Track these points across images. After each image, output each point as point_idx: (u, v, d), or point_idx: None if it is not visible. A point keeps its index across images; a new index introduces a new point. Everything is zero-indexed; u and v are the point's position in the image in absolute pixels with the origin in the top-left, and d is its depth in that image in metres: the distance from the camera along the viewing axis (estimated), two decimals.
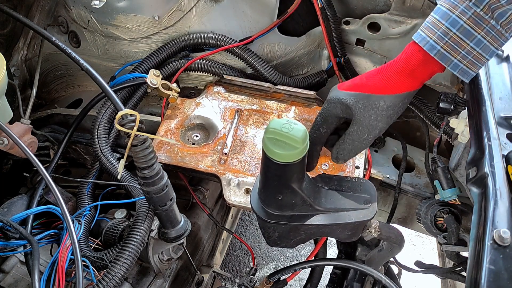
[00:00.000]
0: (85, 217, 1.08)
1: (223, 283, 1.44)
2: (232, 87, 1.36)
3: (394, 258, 1.30)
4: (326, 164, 1.18)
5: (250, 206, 1.07)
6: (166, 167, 1.16)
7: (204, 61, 1.33)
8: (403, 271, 1.33)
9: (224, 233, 1.64)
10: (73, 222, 0.92)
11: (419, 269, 1.17)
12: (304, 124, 0.75)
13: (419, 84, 0.79)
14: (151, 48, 1.37)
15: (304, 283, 1.35)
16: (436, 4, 0.97)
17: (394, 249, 1.07)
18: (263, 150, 0.75)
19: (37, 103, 1.54)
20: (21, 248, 0.96)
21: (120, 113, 0.75)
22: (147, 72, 1.25)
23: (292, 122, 0.74)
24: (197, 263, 1.41)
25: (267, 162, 0.75)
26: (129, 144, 0.78)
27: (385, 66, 0.81)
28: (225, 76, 1.36)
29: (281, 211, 0.85)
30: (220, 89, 1.35)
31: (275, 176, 0.78)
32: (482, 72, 0.95)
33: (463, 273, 1.08)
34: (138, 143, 0.79)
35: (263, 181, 0.82)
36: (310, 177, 0.87)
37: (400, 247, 1.05)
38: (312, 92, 1.32)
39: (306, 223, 0.87)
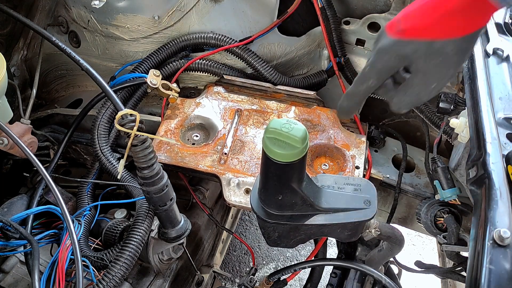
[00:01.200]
0: (85, 217, 1.08)
1: (223, 283, 1.44)
2: (232, 87, 1.36)
3: (394, 258, 1.30)
4: (326, 164, 1.18)
5: (250, 206, 1.07)
6: (166, 167, 1.16)
7: (204, 61, 1.33)
8: (403, 271, 1.33)
9: (224, 233, 1.64)
10: (73, 222, 0.92)
11: (419, 269, 1.17)
12: (304, 124, 0.75)
13: (490, 16, 0.66)
14: (151, 48, 1.37)
15: (304, 283, 1.35)
16: None
17: (394, 249, 1.07)
18: (263, 150, 0.75)
19: (37, 103, 1.54)
20: (21, 248, 0.96)
21: (120, 113, 0.75)
22: (147, 72, 1.25)
23: (292, 122, 0.74)
24: (197, 263, 1.41)
25: (267, 162, 0.75)
26: (129, 144, 0.78)
27: None
28: (225, 76, 1.36)
29: (281, 211, 0.85)
30: (220, 89, 1.35)
31: (275, 176, 0.78)
32: (482, 72, 0.95)
33: (463, 273, 1.08)
34: (138, 143, 0.79)
35: (263, 181, 0.82)
36: (310, 177, 0.87)
37: (400, 247, 1.05)
38: (312, 92, 1.32)
39: (306, 223, 0.87)
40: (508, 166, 0.78)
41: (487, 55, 0.97)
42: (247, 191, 1.10)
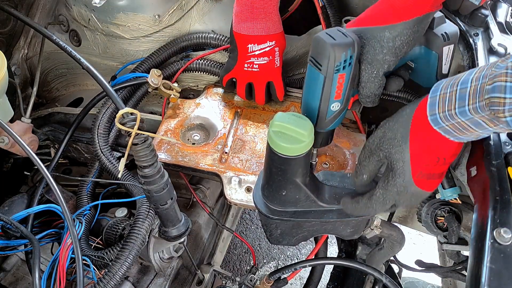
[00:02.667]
0: (86, 216, 1.08)
1: (223, 282, 1.44)
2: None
3: (395, 257, 1.30)
4: (327, 163, 1.18)
5: (251, 204, 1.07)
6: (167, 166, 1.16)
7: (204, 61, 1.33)
8: (404, 270, 1.34)
9: (225, 232, 1.65)
10: (73, 221, 0.92)
11: (420, 268, 1.17)
12: None
13: (429, 7, 0.74)
14: (152, 47, 1.37)
15: (304, 282, 1.35)
16: None
17: (394, 247, 1.07)
18: (268, 144, 0.75)
19: (38, 102, 1.54)
20: (22, 247, 0.96)
21: (120, 112, 0.75)
22: (148, 72, 1.25)
23: (297, 116, 0.75)
24: (198, 261, 1.41)
25: (272, 156, 0.75)
26: (130, 142, 0.78)
27: None
28: None
29: (285, 207, 0.85)
30: (219, 90, 1.35)
31: (279, 170, 0.78)
32: None
33: (464, 272, 1.08)
34: (139, 142, 0.79)
35: (267, 176, 0.82)
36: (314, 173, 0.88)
37: (401, 246, 1.05)
38: None
39: (309, 219, 0.88)
40: (508, 168, 0.78)
41: (491, 50, 0.97)
42: (249, 189, 1.10)
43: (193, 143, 1.23)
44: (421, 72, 0.89)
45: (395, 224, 1.33)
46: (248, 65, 1.19)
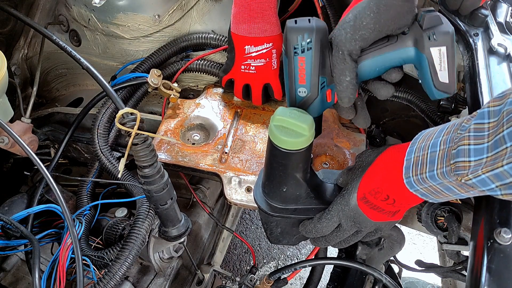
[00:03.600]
0: (86, 216, 1.08)
1: (223, 282, 1.44)
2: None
3: (395, 257, 1.30)
4: (327, 163, 1.18)
5: (251, 204, 1.07)
6: (167, 166, 1.16)
7: (204, 61, 1.33)
8: (404, 270, 1.33)
9: (225, 232, 1.65)
10: (73, 221, 0.92)
11: (420, 268, 1.17)
12: None
13: None
14: (151, 47, 1.37)
15: (304, 282, 1.35)
16: (437, 3, 0.97)
17: (394, 247, 1.07)
18: (269, 139, 0.75)
19: (38, 102, 1.54)
20: (22, 247, 0.96)
21: (120, 112, 0.75)
22: (148, 72, 1.25)
23: (298, 110, 0.75)
24: (198, 261, 1.41)
25: (273, 151, 0.75)
26: (129, 142, 0.78)
27: None
28: None
29: (285, 204, 0.85)
30: (219, 90, 1.35)
31: (280, 165, 0.78)
32: (483, 71, 0.95)
33: (464, 272, 1.08)
34: (139, 142, 0.79)
35: (268, 172, 0.82)
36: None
37: (401, 245, 1.05)
38: None
39: (309, 216, 0.88)
40: None
41: (491, 51, 0.97)
42: (249, 190, 1.10)
43: (193, 143, 1.23)
44: (421, 79, 0.84)
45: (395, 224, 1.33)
46: (245, 66, 1.19)
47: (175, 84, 1.27)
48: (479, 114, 0.62)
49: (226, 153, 1.18)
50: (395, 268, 1.34)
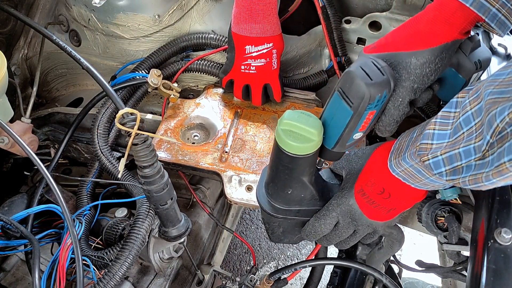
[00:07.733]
0: (86, 216, 1.08)
1: (223, 282, 1.44)
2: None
3: (395, 257, 1.30)
4: (327, 163, 1.18)
5: (251, 203, 1.07)
6: (167, 165, 1.16)
7: (204, 61, 1.33)
8: (404, 270, 1.33)
9: (225, 232, 1.65)
10: (73, 221, 0.92)
11: (420, 269, 1.17)
12: None
13: (458, 34, 0.69)
14: (151, 47, 1.37)
15: (304, 282, 1.35)
16: None
17: (394, 246, 1.07)
18: (275, 142, 0.73)
19: (38, 102, 1.54)
20: (22, 247, 0.96)
21: (120, 112, 0.75)
22: (148, 72, 1.25)
23: (307, 114, 0.73)
24: (198, 262, 1.41)
25: (279, 154, 0.74)
26: (130, 143, 0.78)
27: (412, 18, 0.71)
28: None
29: (289, 205, 0.85)
30: (219, 90, 1.35)
31: (286, 169, 0.76)
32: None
33: (464, 273, 1.08)
34: (139, 142, 0.79)
35: (273, 174, 0.81)
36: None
37: (401, 244, 1.05)
38: (311, 94, 1.32)
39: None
40: None
41: (491, 50, 0.97)
42: (249, 188, 1.10)
43: (193, 143, 1.23)
44: (443, 90, 0.85)
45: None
46: (245, 66, 1.19)
47: (175, 84, 1.27)
48: (448, 103, 0.66)
49: (226, 152, 1.18)
50: (395, 268, 1.33)
